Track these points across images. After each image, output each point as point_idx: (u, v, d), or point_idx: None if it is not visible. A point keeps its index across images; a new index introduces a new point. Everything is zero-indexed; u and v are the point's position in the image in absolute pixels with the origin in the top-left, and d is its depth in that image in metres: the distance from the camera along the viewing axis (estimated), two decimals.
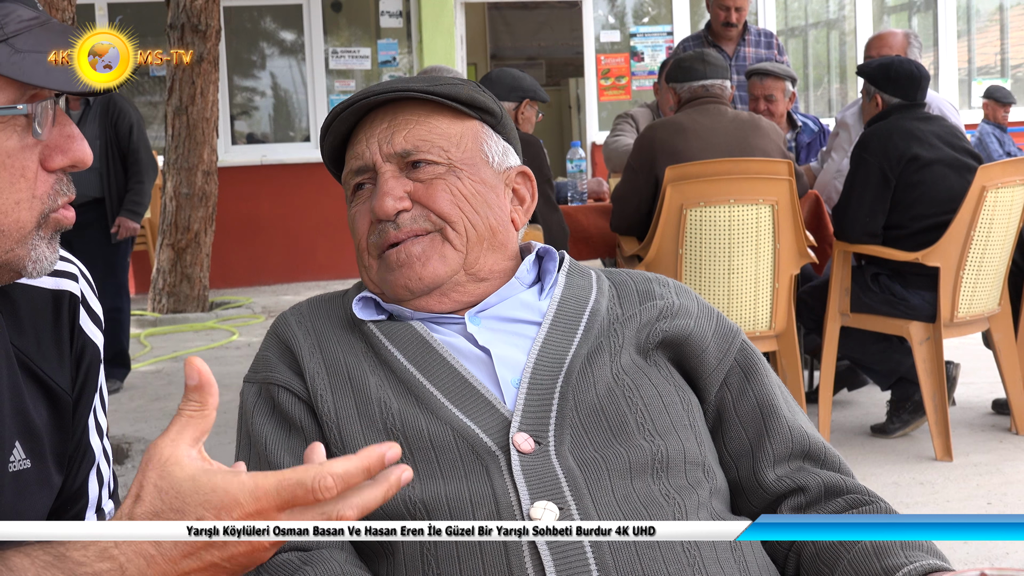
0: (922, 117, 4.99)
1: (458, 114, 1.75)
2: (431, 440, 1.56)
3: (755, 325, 4.77)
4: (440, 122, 1.73)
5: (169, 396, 6.66)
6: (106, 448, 1.56)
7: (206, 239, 9.28)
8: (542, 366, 1.63)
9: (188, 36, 8.78)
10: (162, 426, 5.89)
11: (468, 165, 1.73)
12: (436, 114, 1.73)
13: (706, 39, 6.98)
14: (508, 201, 1.78)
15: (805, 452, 1.69)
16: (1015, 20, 12.71)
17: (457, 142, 1.73)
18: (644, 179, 4.84)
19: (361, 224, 1.73)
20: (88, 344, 1.50)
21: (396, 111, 1.73)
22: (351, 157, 1.75)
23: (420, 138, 1.71)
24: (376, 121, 1.73)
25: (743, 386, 1.72)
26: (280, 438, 1.64)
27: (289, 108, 12.00)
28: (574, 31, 12.41)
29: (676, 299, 1.75)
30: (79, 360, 1.49)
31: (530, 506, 1.49)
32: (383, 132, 1.71)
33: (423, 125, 1.72)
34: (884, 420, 5.30)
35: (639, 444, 1.58)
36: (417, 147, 1.70)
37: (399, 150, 1.70)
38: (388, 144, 1.70)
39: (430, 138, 1.71)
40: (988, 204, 4.80)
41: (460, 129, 1.74)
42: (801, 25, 12.85)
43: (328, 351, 1.68)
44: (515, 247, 1.79)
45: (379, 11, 11.56)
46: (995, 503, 4.34)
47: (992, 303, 5.05)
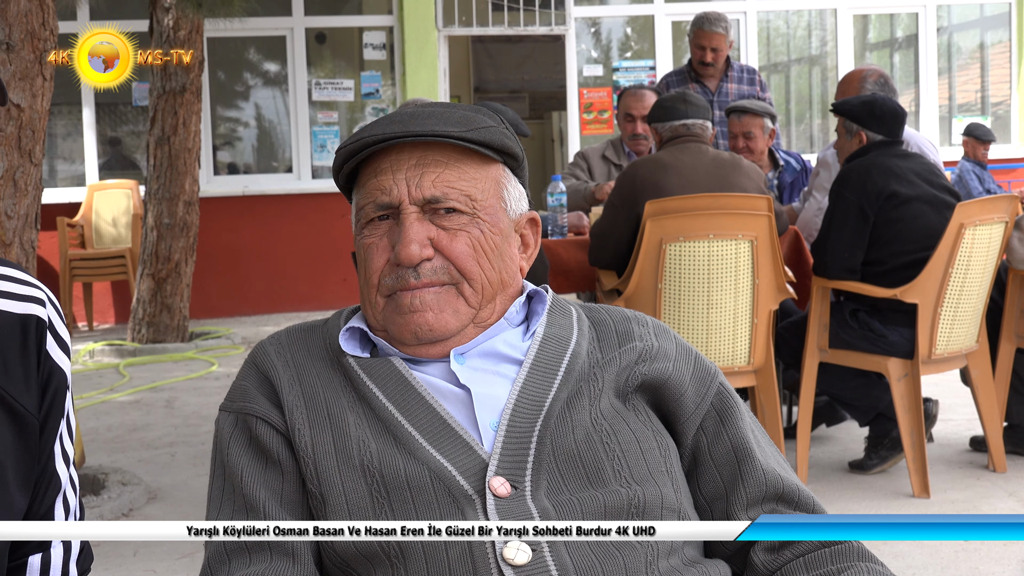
0: (901, 154, 5.02)
1: (485, 159, 1.73)
2: (407, 480, 1.57)
3: (734, 360, 4.78)
4: (468, 168, 1.71)
5: (147, 427, 6.64)
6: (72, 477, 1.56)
7: (187, 269, 9.26)
8: (521, 409, 1.63)
9: (170, 66, 8.79)
10: (140, 457, 5.87)
11: (489, 215, 1.72)
12: (466, 158, 1.71)
13: (689, 75, 7.04)
14: (517, 249, 1.79)
15: (779, 495, 1.69)
16: (996, 58, 12.81)
17: (482, 188, 1.71)
18: (625, 215, 4.86)
19: (377, 259, 1.70)
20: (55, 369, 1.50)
21: (426, 149, 1.70)
22: (375, 189, 1.71)
23: (449, 184, 1.68)
24: (403, 156, 1.70)
25: (718, 429, 1.73)
26: (256, 471, 1.63)
27: (272, 139, 12.01)
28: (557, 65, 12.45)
29: (655, 341, 1.75)
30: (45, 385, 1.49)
31: (503, 546, 1.50)
32: (411, 171, 1.69)
33: (452, 170, 1.70)
34: (862, 456, 5.31)
35: (615, 490, 1.59)
36: (446, 194, 1.68)
37: (428, 196, 1.68)
38: (417, 188, 1.68)
39: (459, 185, 1.69)
40: (966, 241, 4.83)
41: (485, 174, 1.73)
42: (784, 61, 12.93)
43: (307, 384, 1.68)
44: (517, 292, 1.79)
45: (363, 43, 11.61)
46: (972, 541, 4.36)
47: (970, 340, 5.07)
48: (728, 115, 6.26)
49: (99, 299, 10.99)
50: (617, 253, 4.95)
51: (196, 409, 7.06)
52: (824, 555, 1.62)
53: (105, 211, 10.74)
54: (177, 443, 6.22)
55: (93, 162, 11.29)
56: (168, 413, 7.02)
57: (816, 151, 11.63)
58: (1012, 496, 4.86)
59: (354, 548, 1.55)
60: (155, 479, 5.44)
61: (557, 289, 5.25)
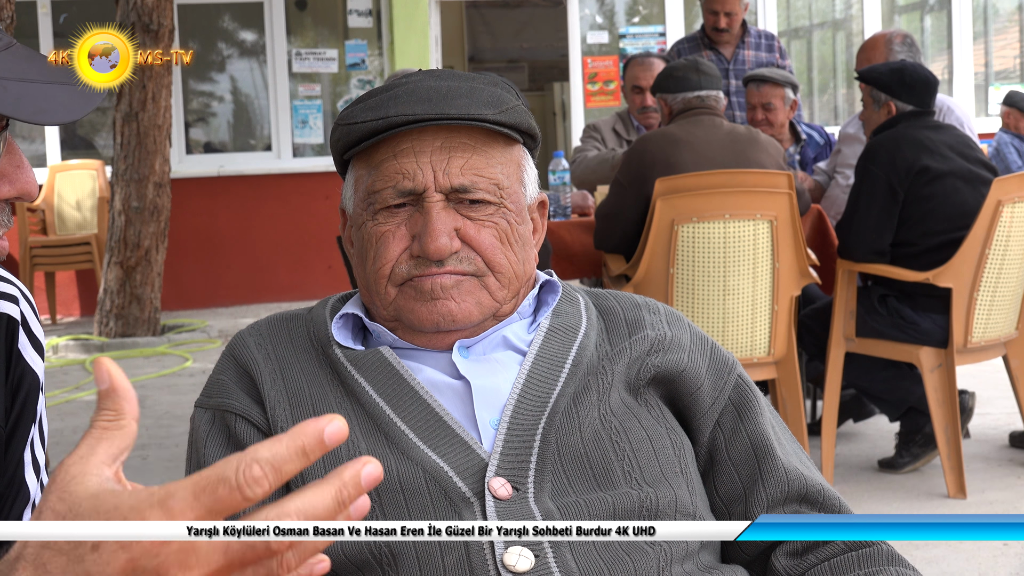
0: (932, 126, 5.03)
1: (510, 141, 1.73)
2: (400, 482, 1.57)
3: (752, 351, 4.79)
4: (495, 152, 1.70)
5: None
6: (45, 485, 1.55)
7: (158, 257, 9.26)
8: (524, 405, 1.63)
9: (139, 36, 8.78)
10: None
11: (515, 202, 1.71)
12: (492, 141, 1.70)
13: (702, 41, 7.04)
14: (531, 234, 1.79)
15: (802, 495, 1.70)
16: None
17: (507, 174, 1.71)
18: (634, 195, 4.86)
19: (392, 248, 1.68)
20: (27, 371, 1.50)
21: (452, 130, 1.67)
22: (395, 172, 1.68)
23: (477, 172, 1.67)
24: (427, 137, 1.67)
25: (736, 426, 1.73)
26: None
27: (249, 114, 12.00)
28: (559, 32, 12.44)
29: (668, 330, 1.75)
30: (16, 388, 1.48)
31: (504, 552, 1.50)
32: (437, 154, 1.66)
33: (480, 155, 1.68)
34: (892, 454, 5.32)
35: (626, 492, 1.60)
36: (475, 183, 1.67)
37: (456, 184, 1.66)
38: (445, 174, 1.66)
39: (487, 172, 1.68)
40: (1004, 220, 4.83)
41: (509, 157, 1.73)
42: (805, 26, 12.91)
43: (291, 379, 1.68)
44: (533, 282, 1.79)
45: (347, 10, 11.58)
46: (1012, 544, 4.37)
47: (1009, 327, 5.07)
48: (746, 84, 6.26)
49: (63, 290, 10.99)
50: (625, 236, 4.96)
51: (169, 408, 7.07)
52: (851, 559, 1.63)
53: (68, 194, 10.73)
54: (149, 445, 6.23)
55: (55, 141, 11.29)
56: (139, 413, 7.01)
57: (840, 123, 11.62)
58: None
59: (343, 555, 1.55)
60: None
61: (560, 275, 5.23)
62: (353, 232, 1.76)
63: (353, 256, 1.78)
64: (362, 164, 1.73)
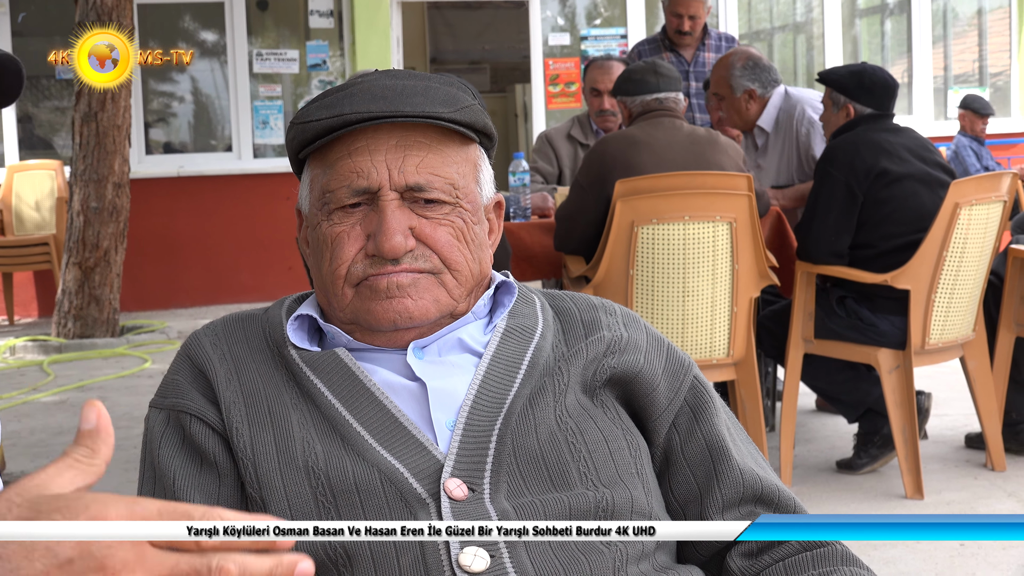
0: (891, 128, 5.05)
1: (465, 140, 1.73)
2: (356, 484, 1.57)
3: (711, 352, 4.80)
4: (450, 151, 1.70)
5: (74, 430, 6.56)
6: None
7: (117, 257, 9.21)
8: (480, 406, 1.63)
9: None
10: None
11: (470, 202, 1.71)
12: (447, 140, 1.70)
13: (663, 43, 7.06)
14: (487, 235, 1.79)
15: (757, 496, 1.70)
16: (994, 25, 12.88)
17: (463, 173, 1.71)
18: (594, 197, 4.86)
19: (347, 249, 1.67)
20: None
21: (407, 129, 1.67)
22: (349, 171, 1.67)
23: (432, 171, 1.67)
24: (382, 135, 1.67)
25: (692, 427, 1.74)
26: (190, 473, 1.63)
27: (210, 115, 11.95)
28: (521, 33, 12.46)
29: (624, 331, 1.75)
30: None
31: (459, 552, 1.50)
32: (392, 152, 1.66)
33: (436, 154, 1.68)
34: (851, 455, 5.34)
35: (581, 492, 1.60)
36: (430, 182, 1.66)
37: (411, 182, 1.66)
38: (400, 173, 1.65)
39: (442, 172, 1.68)
40: (962, 222, 4.86)
41: (465, 157, 1.72)
42: (766, 28, 12.97)
43: (246, 380, 1.67)
44: (488, 283, 1.79)
45: (308, 10, 11.55)
46: (969, 544, 4.39)
47: (966, 329, 5.10)
48: (706, 87, 6.28)
49: (20, 290, 10.92)
50: (585, 237, 4.96)
51: (128, 410, 7.03)
52: (805, 559, 1.63)
53: (27, 194, 10.67)
54: None
55: (13, 141, 11.21)
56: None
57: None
58: (1012, 496, 4.90)
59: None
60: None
61: (520, 277, 5.26)
62: (309, 232, 1.76)
63: (309, 257, 1.77)
64: (317, 163, 1.72)
